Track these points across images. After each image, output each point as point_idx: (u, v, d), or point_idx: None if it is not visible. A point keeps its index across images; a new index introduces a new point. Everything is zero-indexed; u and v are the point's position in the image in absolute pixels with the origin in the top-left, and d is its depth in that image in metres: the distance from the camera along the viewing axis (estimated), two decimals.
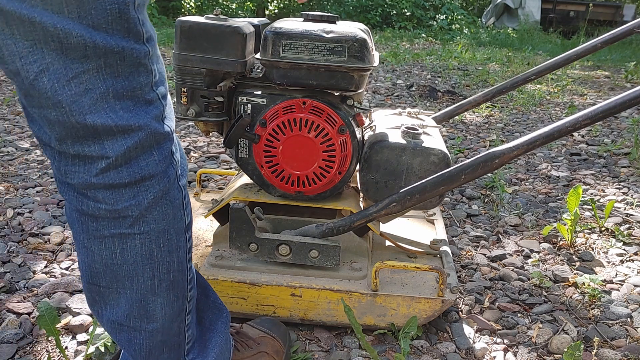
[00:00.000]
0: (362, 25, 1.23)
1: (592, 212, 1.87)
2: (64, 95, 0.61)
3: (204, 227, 1.44)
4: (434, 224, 1.51)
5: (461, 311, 1.31)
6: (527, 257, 1.60)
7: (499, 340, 1.21)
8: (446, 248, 1.33)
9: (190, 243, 0.80)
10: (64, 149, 0.65)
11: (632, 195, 2.08)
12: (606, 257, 1.61)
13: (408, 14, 9.84)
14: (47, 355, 1.09)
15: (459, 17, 9.92)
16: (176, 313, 0.80)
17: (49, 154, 0.68)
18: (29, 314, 1.22)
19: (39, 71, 0.59)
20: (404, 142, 1.17)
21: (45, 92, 0.60)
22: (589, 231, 1.76)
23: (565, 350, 1.05)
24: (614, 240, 1.70)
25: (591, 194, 2.11)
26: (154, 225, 0.71)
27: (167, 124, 0.71)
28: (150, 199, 0.70)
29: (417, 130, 1.21)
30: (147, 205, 0.70)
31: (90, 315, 1.21)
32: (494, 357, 1.15)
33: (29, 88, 0.61)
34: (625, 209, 1.95)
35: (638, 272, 1.52)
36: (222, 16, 1.14)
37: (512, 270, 1.51)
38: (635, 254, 1.62)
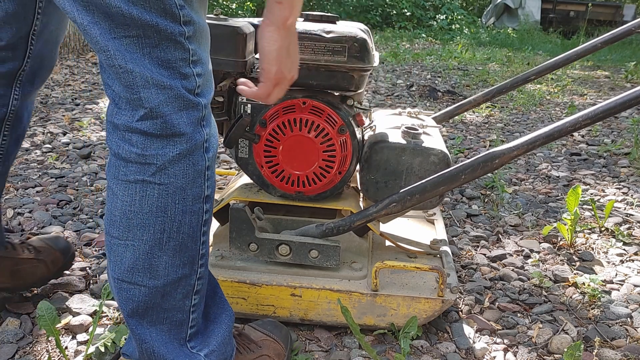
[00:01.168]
0: (362, 25, 1.23)
1: (592, 212, 1.87)
2: (110, 45, 0.72)
3: None
4: (434, 224, 1.51)
5: (461, 311, 1.31)
6: (527, 257, 1.60)
7: (499, 340, 1.21)
8: (446, 248, 1.33)
9: (207, 217, 0.84)
10: (118, 91, 0.75)
11: (632, 195, 2.08)
12: (606, 257, 1.61)
13: (408, 14, 9.83)
14: (47, 355, 1.09)
15: (459, 17, 9.92)
16: (181, 280, 0.82)
17: (109, 93, 0.77)
18: (29, 314, 1.22)
19: (90, 22, 0.71)
20: (404, 142, 1.17)
21: (95, 38, 0.72)
22: (589, 231, 1.76)
23: (565, 350, 1.05)
24: (614, 240, 1.70)
25: (591, 194, 2.11)
26: (173, 180, 0.78)
27: (199, 99, 0.78)
28: (175, 153, 0.77)
29: (417, 130, 1.21)
30: (171, 159, 0.77)
31: (90, 315, 1.22)
32: (494, 357, 1.15)
33: (83, 32, 0.72)
34: (625, 209, 1.95)
35: (638, 272, 1.52)
36: (222, 16, 1.14)
37: (512, 270, 1.51)
38: (635, 254, 1.62)
